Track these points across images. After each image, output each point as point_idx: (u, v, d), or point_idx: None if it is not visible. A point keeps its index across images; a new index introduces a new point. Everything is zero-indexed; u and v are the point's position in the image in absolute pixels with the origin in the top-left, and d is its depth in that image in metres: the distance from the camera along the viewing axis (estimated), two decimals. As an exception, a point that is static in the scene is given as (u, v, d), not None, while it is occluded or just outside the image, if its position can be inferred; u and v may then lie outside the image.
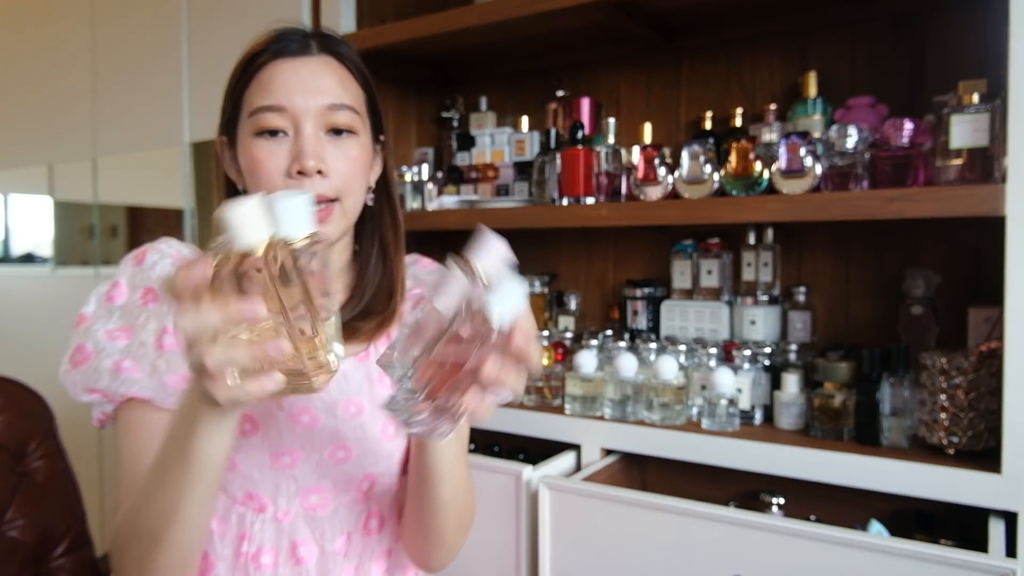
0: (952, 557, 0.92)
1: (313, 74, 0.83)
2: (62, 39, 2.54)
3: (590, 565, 1.17)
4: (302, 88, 0.81)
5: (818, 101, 1.41)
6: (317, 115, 0.82)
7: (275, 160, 0.81)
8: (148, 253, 0.86)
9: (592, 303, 1.80)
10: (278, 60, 0.82)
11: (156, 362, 0.80)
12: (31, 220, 2.80)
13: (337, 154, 0.83)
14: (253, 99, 0.82)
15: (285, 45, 0.83)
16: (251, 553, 0.84)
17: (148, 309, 0.83)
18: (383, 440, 0.92)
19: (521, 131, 1.72)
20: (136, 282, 0.85)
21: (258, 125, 0.82)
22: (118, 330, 0.82)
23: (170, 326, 0.82)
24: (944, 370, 1.10)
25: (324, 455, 0.87)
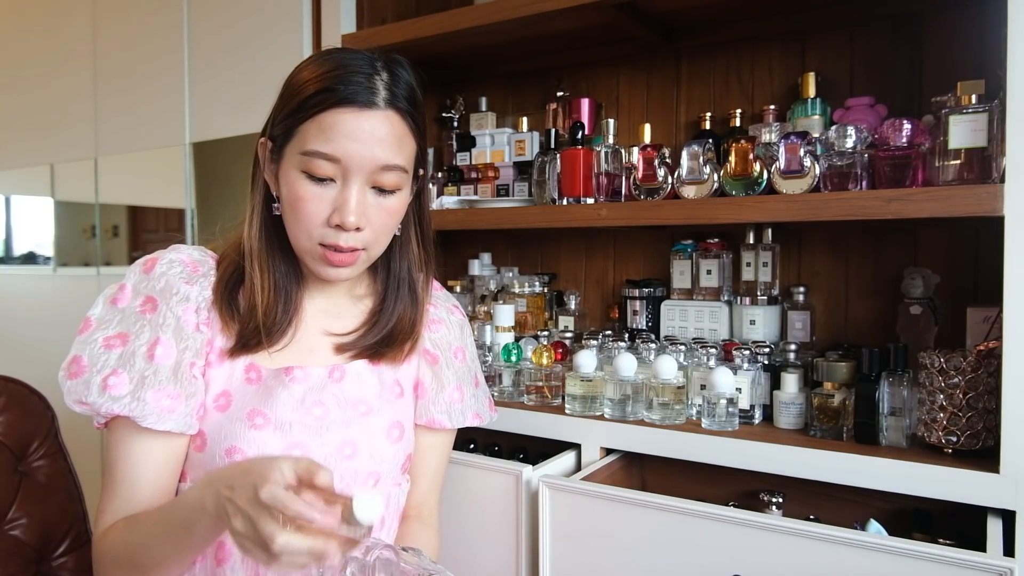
0: (950, 556, 0.92)
1: (373, 131, 0.82)
2: (63, 40, 2.54)
3: (590, 565, 1.17)
4: (360, 144, 0.81)
5: (817, 101, 1.42)
6: (369, 172, 0.82)
7: (318, 205, 0.82)
8: (158, 263, 0.88)
9: (592, 303, 1.81)
10: (343, 108, 0.81)
11: (144, 373, 0.82)
12: (32, 220, 2.81)
13: (378, 209, 0.85)
14: (309, 138, 0.82)
15: (353, 91, 0.81)
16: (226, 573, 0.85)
17: (144, 318, 0.85)
18: (388, 442, 0.94)
19: (521, 131, 1.72)
20: (140, 289, 0.87)
21: (308, 167, 0.82)
22: (115, 336, 0.84)
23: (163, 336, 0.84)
24: (943, 369, 1.10)
25: (333, 449, 0.89)
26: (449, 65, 1.89)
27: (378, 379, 0.96)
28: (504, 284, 1.77)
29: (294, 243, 0.87)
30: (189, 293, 0.87)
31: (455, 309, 1.08)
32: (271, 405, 0.87)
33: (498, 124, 1.83)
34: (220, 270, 0.91)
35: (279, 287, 0.90)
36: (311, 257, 0.87)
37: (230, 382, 0.88)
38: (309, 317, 0.94)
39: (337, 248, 0.84)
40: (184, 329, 0.85)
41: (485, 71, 1.91)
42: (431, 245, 0.99)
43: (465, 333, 1.08)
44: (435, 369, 1.02)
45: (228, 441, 0.85)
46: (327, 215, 0.83)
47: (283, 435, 0.86)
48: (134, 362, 0.82)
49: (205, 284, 0.89)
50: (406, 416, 0.99)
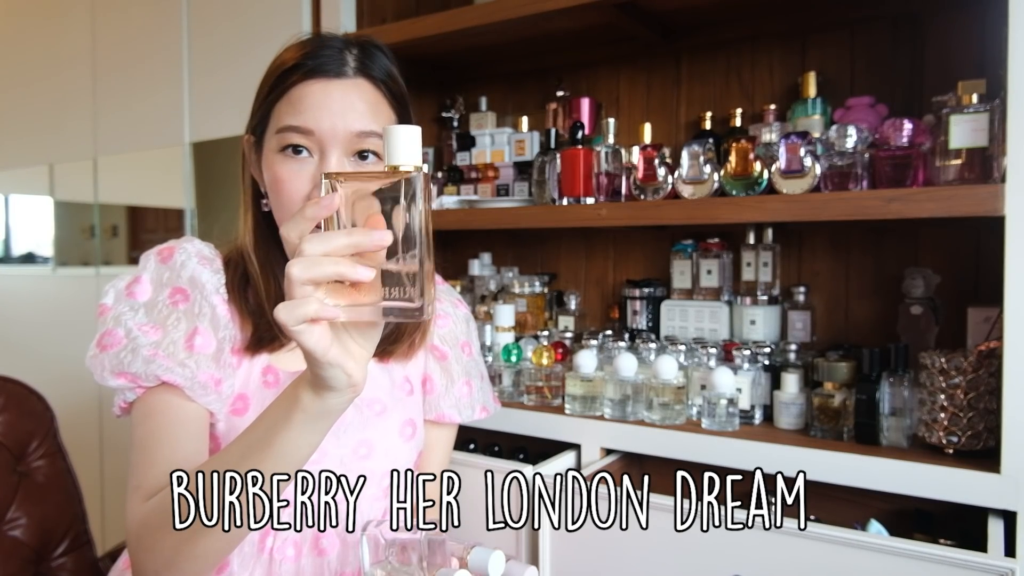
0: (951, 556, 0.92)
1: (344, 99, 0.81)
2: (63, 39, 2.54)
3: (590, 565, 1.17)
4: (331, 113, 0.80)
5: (818, 101, 1.41)
6: (344, 141, 0.81)
7: (298, 182, 0.80)
8: (176, 251, 0.86)
9: (592, 303, 1.81)
10: (311, 80, 0.80)
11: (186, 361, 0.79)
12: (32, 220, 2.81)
13: None
14: (282, 116, 0.81)
15: (321, 63, 0.81)
16: (275, 547, 0.84)
17: (178, 310, 0.82)
18: (403, 440, 0.94)
19: (521, 131, 1.72)
20: (164, 280, 0.84)
21: (284, 143, 0.80)
22: (146, 326, 0.81)
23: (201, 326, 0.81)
24: (943, 370, 1.10)
25: (348, 451, 0.89)
26: (449, 65, 1.89)
27: (389, 378, 0.95)
28: (504, 284, 1.77)
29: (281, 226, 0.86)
30: (216, 283, 0.85)
31: (459, 303, 1.08)
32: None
33: (498, 124, 1.83)
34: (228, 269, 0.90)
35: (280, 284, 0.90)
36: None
37: (247, 385, 0.86)
38: None
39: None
40: (220, 318, 0.83)
41: (485, 71, 1.90)
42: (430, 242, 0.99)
43: (471, 327, 1.08)
44: (444, 364, 1.01)
45: None
46: (308, 190, 0.80)
47: None
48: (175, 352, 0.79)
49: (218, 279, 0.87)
50: (417, 413, 0.98)
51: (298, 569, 0.85)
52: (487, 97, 1.87)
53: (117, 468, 2.32)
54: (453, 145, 1.83)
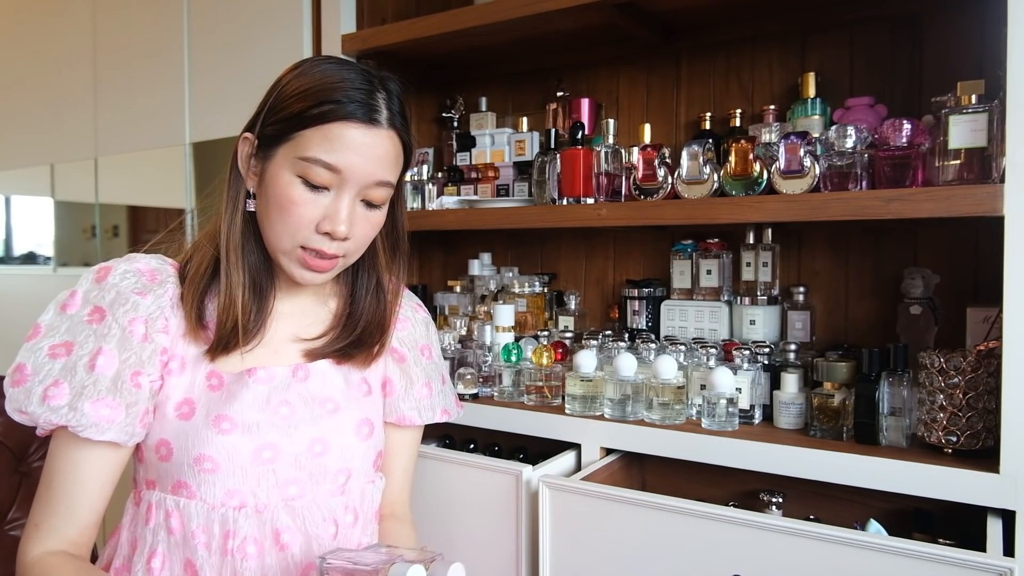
0: (950, 556, 0.92)
1: (374, 148, 0.85)
2: (63, 40, 2.55)
3: (590, 565, 1.17)
4: (362, 160, 0.84)
5: (817, 101, 1.42)
6: (363, 187, 0.85)
7: (310, 210, 0.84)
8: (111, 272, 0.88)
9: (592, 303, 1.81)
10: (350, 122, 0.83)
11: (84, 383, 0.82)
12: (33, 220, 2.81)
13: (364, 221, 0.88)
14: (311, 147, 0.83)
15: (358, 108, 0.84)
16: (236, 547, 0.86)
17: (90, 328, 0.85)
18: (359, 439, 0.96)
19: (521, 131, 1.72)
20: (90, 298, 0.87)
21: (307, 174, 0.84)
22: (61, 345, 0.84)
23: (106, 347, 0.83)
24: (943, 369, 1.10)
25: (303, 448, 0.90)
26: (449, 65, 1.89)
27: (343, 377, 0.97)
28: (504, 284, 1.77)
29: (273, 242, 0.88)
30: (139, 303, 0.86)
31: (419, 308, 1.11)
32: (236, 408, 0.87)
33: (498, 124, 1.83)
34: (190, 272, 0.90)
35: (255, 284, 0.91)
36: (289, 259, 0.87)
37: (192, 390, 0.88)
38: (276, 320, 0.95)
39: (320, 254, 0.86)
40: (130, 340, 0.85)
41: (485, 71, 1.91)
42: (403, 253, 1.01)
43: (431, 331, 1.11)
44: (403, 367, 1.04)
45: (196, 449, 0.85)
46: (317, 221, 0.85)
47: (251, 437, 0.86)
48: (75, 372, 0.82)
49: (162, 293, 0.88)
50: (375, 413, 1.00)
51: (262, 566, 0.87)
52: (487, 97, 1.88)
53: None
54: (453, 145, 1.83)
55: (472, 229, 1.82)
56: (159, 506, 0.87)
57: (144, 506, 0.89)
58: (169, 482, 0.87)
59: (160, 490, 0.88)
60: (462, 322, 1.69)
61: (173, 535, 0.86)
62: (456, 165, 1.80)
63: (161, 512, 0.87)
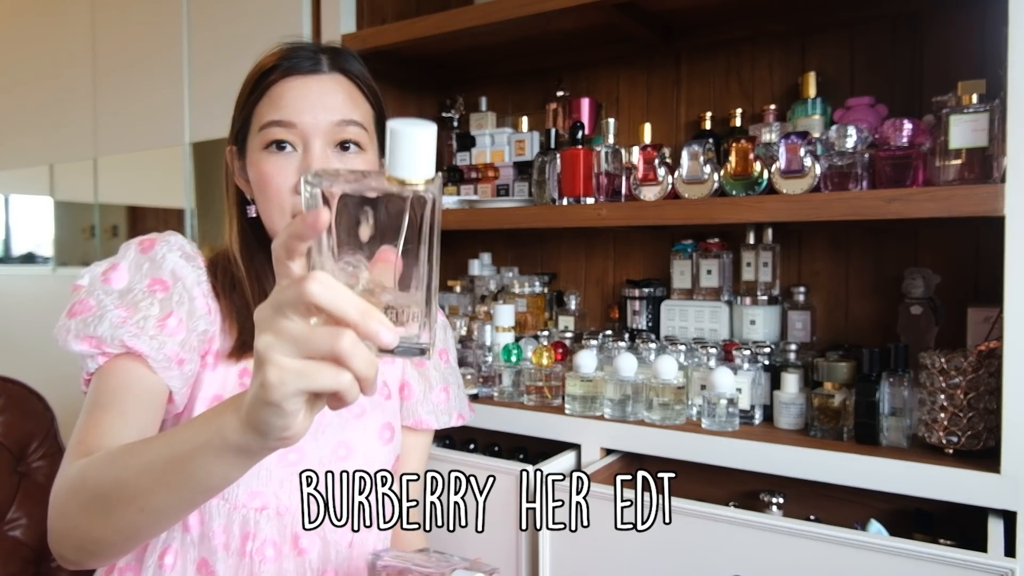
0: (951, 556, 0.92)
1: (323, 91, 0.84)
2: (63, 40, 2.54)
3: (590, 565, 1.17)
4: (311, 105, 0.83)
5: (818, 101, 1.41)
6: (326, 132, 0.84)
7: (283, 175, 0.83)
8: (157, 243, 0.86)
9: (592, 303, 1.81)
10: (289, 77, 0.84)
11: (156, 336, 0.78)
12: (32, 220, 2.81)
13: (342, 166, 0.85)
14: (263, 114, 0.84)
15: (296, 62, 0.84)
16: (254, 549, 0.85)
17: (155, 296, 0.81)
18: (381, 443, 0.95)
19: (521, 131, 1.72)
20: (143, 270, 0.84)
21: (267, 139, 0.83)
22: (120, 307, 0.80)
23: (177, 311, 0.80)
24: (943, 370, 1.10)
25: (328, 451, 0.89)
26: (449, 65, 1.89)
27: None
28: (504, 284, 1.77)
29: (271, 229, 0.87)
30: (198, 276, 0.85)
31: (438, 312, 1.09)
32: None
33: (498, 124, 1.83)
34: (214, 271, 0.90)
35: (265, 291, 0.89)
36: None
37: (224, 387, 0.87)
38: None
39: None
40: (197, 310, 0.84)
41: (485, 71, 1.90)
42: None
43: (448, 335, 1.11)
44: (422, 371, 1.03)
45: None
46: (294, 182, 0.82)
47: None
48: (145, 327, 0.78)
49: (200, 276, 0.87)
50: (394, 417, 1.00)
51: (279, 570, 0.86)
52: (487, 97, 1.87)
53: (117, 468, 2.31)
54: (453, 145, 1.83)
55: (472, 229, 1.81)
56: None
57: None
58: None
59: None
60: (462, 322, 1.69)
61: (189, 532, 0.85)
62: (456, 165, 1.80)
63: None
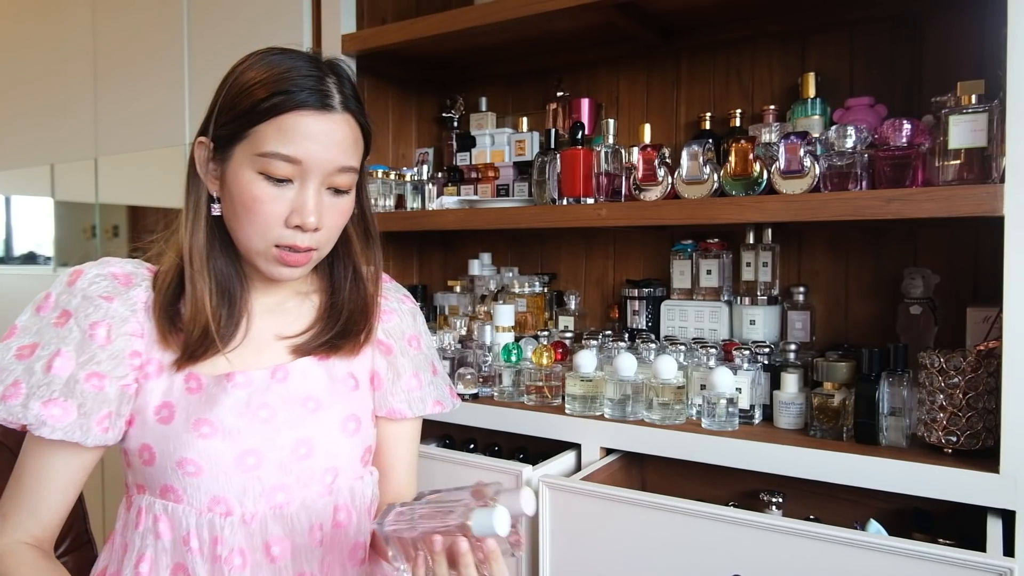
0: (950, 556, 0.92)
1: (331, 133, 0.84)
2: (63, 40, 2.55)
3: (590, 565, 1.17)
4: (320, 147, 0.83)
5: (817, 101, 1.42)
6: (326, 173, 0.85)
7: (276, 206, 0.84)
8: (81, 276, 0.89)
9: (592, 303, 1.81)
10: (303, 111, 0.83)
11: (39, 384, 0.83)
12: (33, 220, 2.81)
13: (332, 210, 0.87)
14: (267, 141, 0.83)
15: (311, 96, 0.83)
16: (224, 555, 0.85)
17: (54, 331, 0.85)
18: (343, 435, 0.94)
19: (521, 131, 1.72)
20: (60, 301, 0.88)
21: (267, 169, 0.83)
22: (27, 347, 0.85)
23: (64, 349, 0.84)
24: (943, 370, 1.10)
25: (287, 452, 0.89)
26: (449, 65, 1.90)
27: (326, 373, 0.95)
28: (504, 284, 1.77)
29: (244, 244, 0.87)
30: (105, 307, 0.86)
31: (406, 299, 1.08)
32: (215, 412, 0.86)
33: (498, 124, 1.83)
34: (159, 282, 0.90)
35: (222, 291, 0.90)
36: (264, 258, 0.87)
37: (170, 393, 0.87)
38: (257, 321, 0.93)
39: (294, 248, 0.85)
40: (89, 343, 0.85)
41: (485, 71, 1.91)
42: (375, 238, 0.99)
43: (418, 321, 1.08)
44: (390, 359, 1.01)
45: (177, 453, 0.84)
46: (285, 216, 0.84)
47: (233, 442, 0.85)
48: (33, 373, 0.83)
49: (133, 297, 0.88)
50: (362, 408, 0.98)
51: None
52: (487, 97, 1.88)
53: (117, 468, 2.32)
54: (453, 145, 1.84)
55: (472, 229, 1.82)
56: (148, 510, 0.87)
57: (134, 510, 0.89)
58: (156, 486, 0.86)
59: (149, 494, 0.87)
60: (462, 322, 1.69)
61: (161, 539, 0.85)
62: (456, 165, 1.80)
63: (150, 516, 0.86)
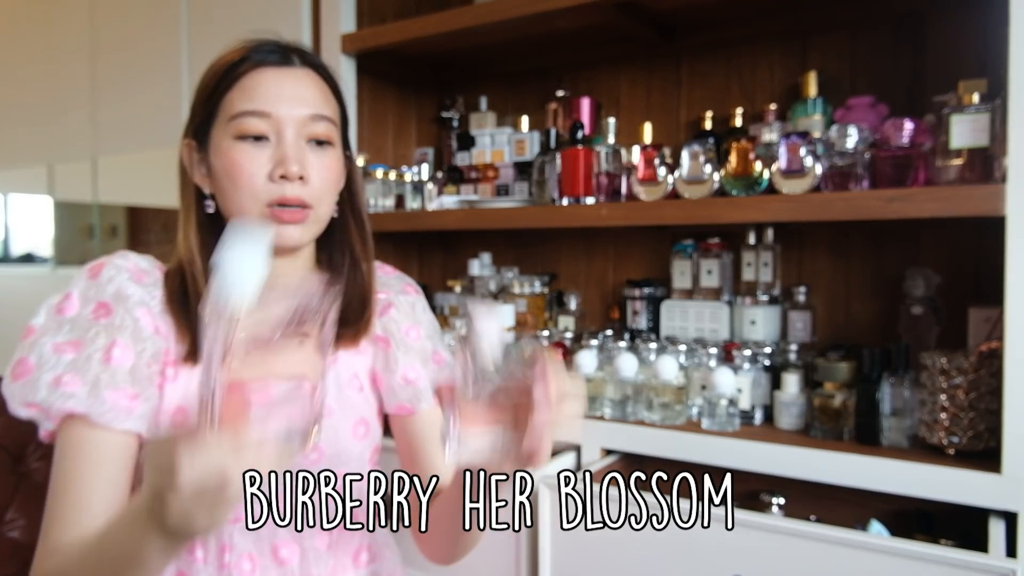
0: (952, 557, 0.92)
1: (297, 84, 0.85)
2: (62, 40, 2.54)
3: (590, 565, 1.17)
4: (286, 96, 0.84)
5: (818, 101, 1.41)
6: (299, 124, 0.84)
7: (257, 164, 0.83)
8: (104, 267, 0.87)
9: (592, 303, 1.80)
10: (262, 68, 0.84)
11: (100, 376, 0.80)
12: (31, 220, 2.80)
13: (316, 163, 0.86)
14: (235, 104, 0.83)
15: (266, 55, 0.85)
16: (232, 561, 0.84)
17: (99, 323, 0.83)
18: (354, 440, 0.93)
19: (521, 131, 1.72)
20: (89, 296, 0.85)
21: (240, 130, 0.83)
22: (66, 343, 0.81)
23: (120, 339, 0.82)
24: (944, 370, 1.10)
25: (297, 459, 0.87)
26: (449, 65, 1.89)
27: (335, 378, 0.94)
28: (504, 284, 1.76)
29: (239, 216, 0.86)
30: (143, 296, 0.85)
31: (408, 287, 1.05)
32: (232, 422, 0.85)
33: (498, 124, 1.83)
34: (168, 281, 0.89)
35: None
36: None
37: (187, 398, 0.86)
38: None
39: (284, 201, 0.84)
40: (142, 331, 0.84)
41: (485, 71, 1.90)
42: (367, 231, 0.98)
43: (417, 311, 1.04)
44: (387, 353, 0.99)
45: None
46: (268, 171, 0.83)
47: None
48: (89, 366, 0.80)
49: (154, 291, 0.87)
50: (369, 410, 0.97)
51: None
52: (487, 97, 1.87)
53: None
54: (453, 145, 1.83)
55: (472, 229, 1.81)
56: None
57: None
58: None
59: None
60: (462, 322, 1.69)
61: None
62: (456, 165, 1.80)
63: None
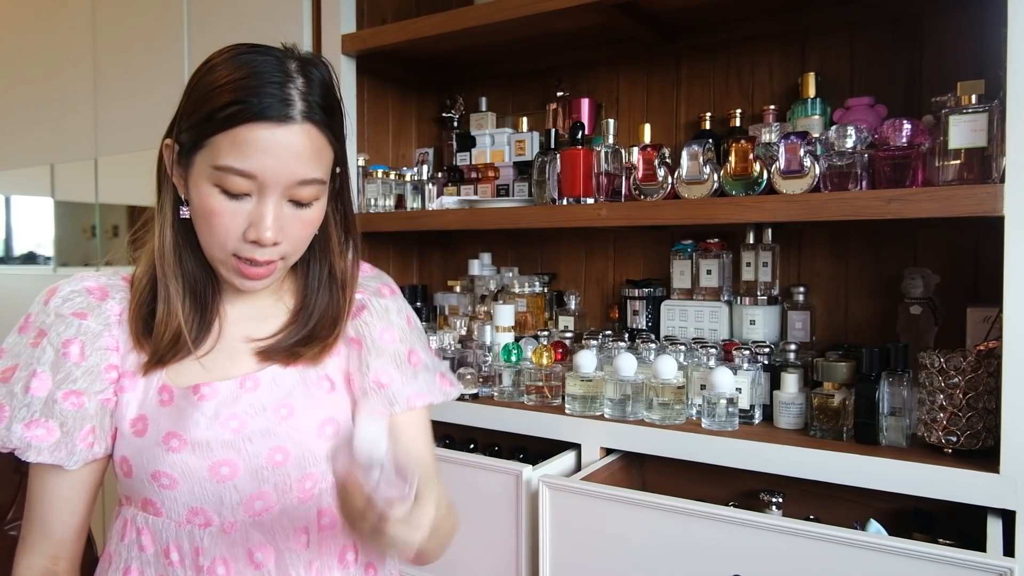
0: (950, 556, 0.92)
1: (291, 146, 0.79)
2: (63, 40, 2.55)
3: (590, 565, 1.17)
4: (276, 160, 0.79)
5: (817, 101, 1.42)
6: (286, 188, 0.80)
7: (233, 220, 0.80)
8: (55, 295, 0.88)
9: (592, 303, 1.81)
10: (258, 124, 0.78)
11: (19, 406, 0.83)
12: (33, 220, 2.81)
13: (295, 222, 0.83)
14: (222, 152, 0.79)
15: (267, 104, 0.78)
16: (207, 565, 0.84)
17: (31, 351, 0.86)
18: (319, 439, 0.90)
19: (521, 131, 1.72)
20: (36, 321, 0.88)
21: (222, 182, 0.79)
22: (9, 369, 0.86)
23: (39, 369, 0.84)
24: (943, 370, 1.10)
25: (262, 460, 0.86)
26: (449, 65, 1.90)
27: (300, 378, 0.92)
28: (504, 284, 1.77)
29: (207, 251, 0.85)
30: (77, 324, 0.86)
31: (383, 288, 1.02)
32: (184, 425, 0.84)
33: (498, 124, 1.83)
34: (134, 285, 0.89)
35: (195, 294, 0.88)
36: (225, 268, 0.85)
37: (145, 405, 0.87)
38: (230, 324, 0.91)
39: (253, 262, 0.83)
40: (63, 361, 0.85)
41: (485, 71, 1.91)
42: (356, 238, 0.96)
43: (391, 312, 1.00)
44: (360, 355, 0.96)
45: (151, 466, 0.83)
46: (243, 229, 0.80)
47: (203, 455, 0.84)
48: (14, 395, 0.84)
49: (106, 310, 0.87)
50: (340, 410, 0.94)
51: None
52: (487, 97, 1.88)
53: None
54: (453, 145, 1.83)
55: (472, 229, 1.82)
56: (132, 522, 0.87)
57: (120, 522, 0.89)
58: (138, 498, 0.86)
59: (133, 506, 0.87)
60: (462, 322, 1.69)
61: (145, 552, 0.85)
62: (456, 165, 1.80)
63: (134, 529, 0.86)
